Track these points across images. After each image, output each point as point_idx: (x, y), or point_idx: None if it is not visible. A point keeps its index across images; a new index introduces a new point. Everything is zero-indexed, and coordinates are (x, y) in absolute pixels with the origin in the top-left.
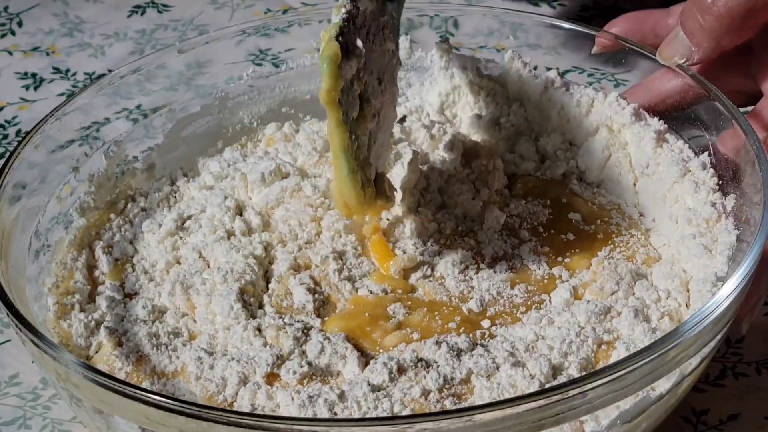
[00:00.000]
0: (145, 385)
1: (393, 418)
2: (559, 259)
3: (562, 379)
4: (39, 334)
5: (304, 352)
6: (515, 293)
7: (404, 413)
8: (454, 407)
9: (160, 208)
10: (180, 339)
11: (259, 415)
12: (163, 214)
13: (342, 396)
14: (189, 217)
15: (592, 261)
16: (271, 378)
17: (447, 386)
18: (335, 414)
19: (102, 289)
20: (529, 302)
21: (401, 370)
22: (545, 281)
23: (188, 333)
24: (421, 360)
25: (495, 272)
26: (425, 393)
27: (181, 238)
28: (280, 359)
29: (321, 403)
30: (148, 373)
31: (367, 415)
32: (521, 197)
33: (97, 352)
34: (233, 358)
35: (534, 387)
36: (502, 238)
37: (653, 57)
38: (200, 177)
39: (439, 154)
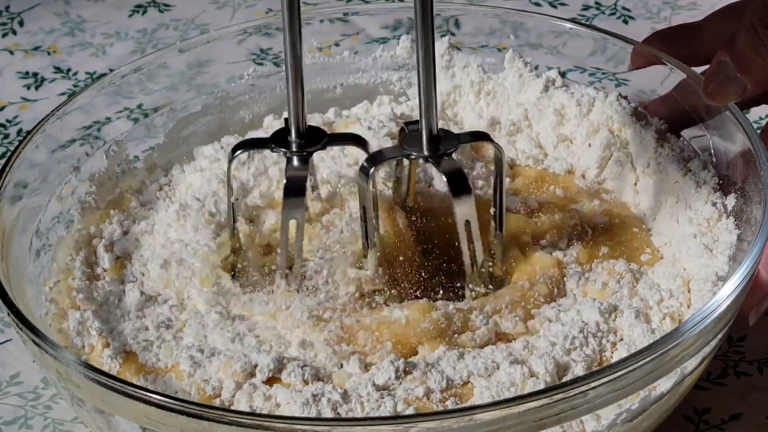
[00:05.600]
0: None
1: (394, 418)
2: (564, 256)
3: (565, 379)
4: (40, 334)
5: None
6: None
7: (407, 412)
8: (456, 407)
9: (157, 199)
10: (171, 330)
11: (260, 415)
12: (158, 205)
13: (345, 395)
14: (186, 206)
15: (593, 261)
16: (271, 380)
17: (450, 387)
18: (338, 414)
19: (101, 285)
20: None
21: (407, 370)
22: (555, 279)
23: (179, 324)
24: (427, 363)
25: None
26: (428, 393)
27: (175, 230)
28: (281, 363)
29: (324, 402)
30: (134, 371)
31: (370, 414)
32: (524, 187)
33: (90, 352)
34: (229, 357)
35: (537, 387)
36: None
37: (689, 73)
38: (195, 162)
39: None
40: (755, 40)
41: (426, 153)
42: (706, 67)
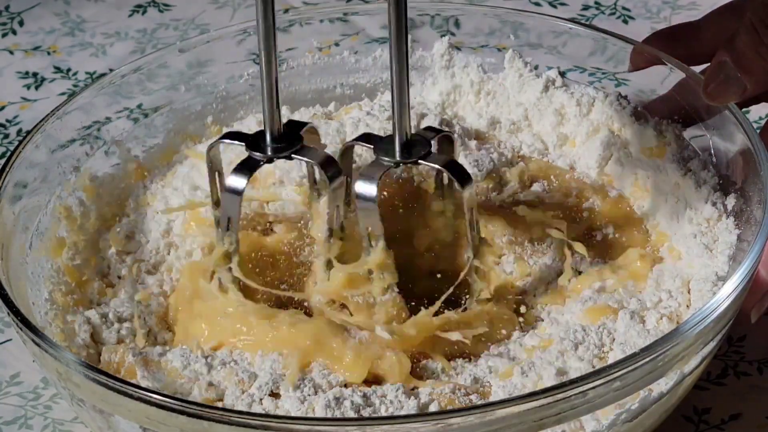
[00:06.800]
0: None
1: (386, 418)
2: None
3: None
4: (40, 334)
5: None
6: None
7: (431, 407)
8: (455, 407)
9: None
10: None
11: (262, 415)
12: (158, 206)
13: (366, 398)
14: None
15: (593, 260)
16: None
17: (474, 384)
18: (361, 416)
19: (117, 289)
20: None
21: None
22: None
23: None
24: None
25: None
26: (455, 389)
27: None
28: (277, 377)
29: (348, 405)
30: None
31: (394, 413)
32: (539, 172)
33: (120, 342)
34: (232, 361)
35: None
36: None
37: (689, 73)
38: (189, 161)
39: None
40: (755, 39)
41: (406, 158)
42: (706, 66)
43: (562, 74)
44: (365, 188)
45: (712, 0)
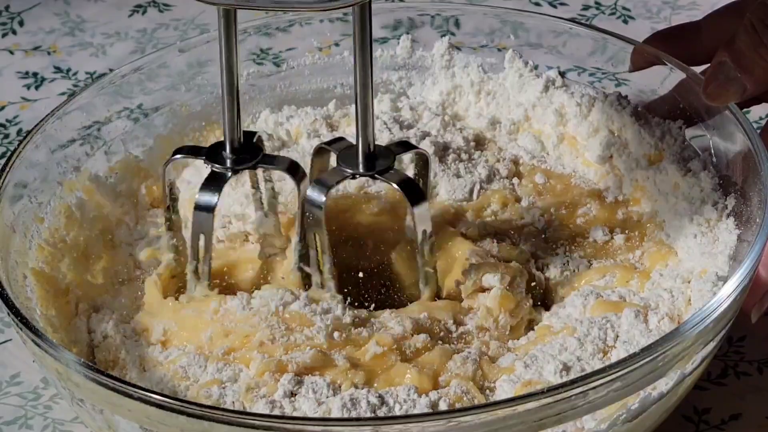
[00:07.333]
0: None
1: (378, 419)
2: (568, 255)
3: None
4: (40, 334)
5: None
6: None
7: (441, 406)
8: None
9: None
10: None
11: (262, 415)
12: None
13: (382, 398)
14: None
15: (595, 260)
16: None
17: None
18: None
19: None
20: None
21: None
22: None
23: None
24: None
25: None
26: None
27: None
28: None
29: (364, 405)
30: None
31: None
32: (532, 191)
33: (104, 338)
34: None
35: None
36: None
37: (689, 73)
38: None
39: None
40: (755, 39)
41: (367, 171)
42: (706, 66)
43: (562, 74)
44: (315, 194)
45: (712, 0)
